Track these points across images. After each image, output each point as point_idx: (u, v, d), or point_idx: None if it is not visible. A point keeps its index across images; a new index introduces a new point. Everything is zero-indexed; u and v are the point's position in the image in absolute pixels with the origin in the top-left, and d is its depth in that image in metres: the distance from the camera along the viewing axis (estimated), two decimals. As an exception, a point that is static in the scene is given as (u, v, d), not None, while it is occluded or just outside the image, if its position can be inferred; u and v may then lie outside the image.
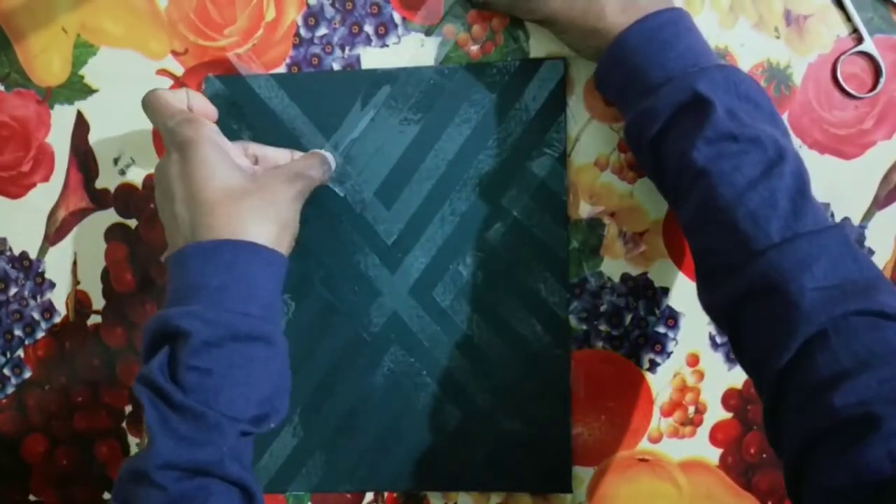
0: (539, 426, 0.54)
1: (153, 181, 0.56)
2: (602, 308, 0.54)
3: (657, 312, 0.54)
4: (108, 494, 0.59)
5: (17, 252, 0.58)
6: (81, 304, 0.58)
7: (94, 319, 0.58)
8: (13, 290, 0.58)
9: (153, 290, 0.57)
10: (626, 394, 0.54)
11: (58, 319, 0.58)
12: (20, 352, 0.59)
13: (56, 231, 0.58)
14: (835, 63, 0.51)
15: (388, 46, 0.54)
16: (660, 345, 0.54)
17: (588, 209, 0.54)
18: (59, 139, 0.57)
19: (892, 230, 0.52)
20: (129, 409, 0.58)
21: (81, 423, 0.58)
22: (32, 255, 0.58)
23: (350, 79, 0.54)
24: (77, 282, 0.58)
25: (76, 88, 0.56)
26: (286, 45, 0.55)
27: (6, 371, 0.59)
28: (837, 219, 0.52)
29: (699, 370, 0.54)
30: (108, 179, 0.57)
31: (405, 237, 0.54)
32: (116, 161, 0.57)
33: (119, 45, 0.56)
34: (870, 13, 0.51)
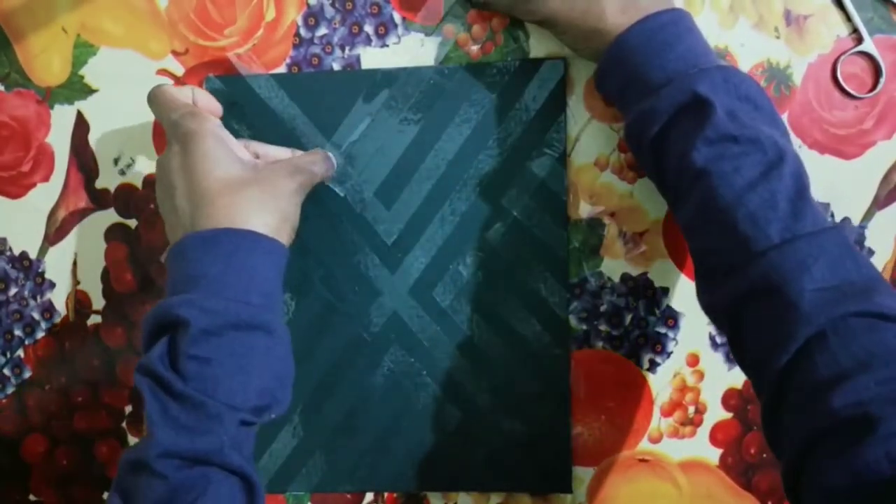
0: (539, 426, 0.54)
1: (154, 179, 0.56)
2: (602, 308, 0.54)
3: (657, 312, 0.54)
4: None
5: (17, 252, 0.58)
6: (81, 304, 0.58)
7: (94, 319, 0.58)
8: (13, 290, 0.58)
9: (153, 290, 0.57)
10: (626, 394, 0.54)
11: (58, 319, 0.58)
12: (20, 352, 0.59)
13: (56, 231, 0.58)
14: (835, 63, 0.51)
15: (388, 46, 0.54)
16: (660, 345, 0.54)
17: (588, 209, 0.54)
18: (59, 139, 0.57)
19: (892, 230, 0.52)
20: (129, 409, 0.58)
21: (81, 423, 0.58)
22: (32, 255, 0.58)
23: (350, 79, 0.54)
24: (77, 282, 0.58)
25: (76, 88, 0.56)
26: (286, 45, 0.55)
27: (6, 371, 0.59)
28: (837, 219, 0.52)
29: (699, 370, 0.54)
30: (108, 179, 0.57)
31: (405, 237, 0.54)
32: (116, 161, 0.57)
33: (119, 45, 0.56)
34: (870, 13, 0.51)
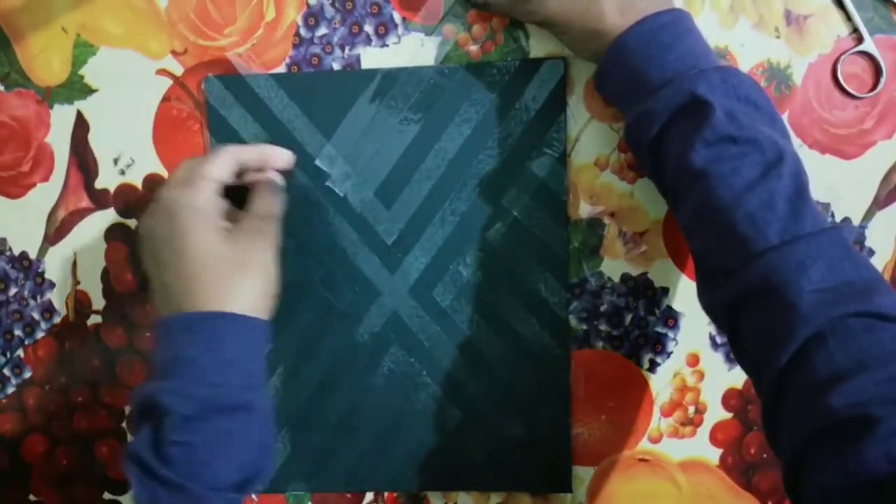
0: (539, 426, 0.54)
1: (155, 178, 0.56)
2: (602, 308, 0.54)
3: (657, 312, 0.54)
4: (109, 494, 0.59)
5: (17, 252, 0.58)
6: (81, 304, 0.58)
7: (94, 319, 0.58)
8: (13, 290, 0.58)
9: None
10: (626, 394, 0.54)
11: (58, 319, 0.58)
12: (20, 352, 0.59)
13: (56, 231, 0.58)
14: (835, 63, 0.51)
15: (388, 46, 0.54)
16: (660, 345, 0.54)
17: (588, 209, 0.54)
18: (59, 139, 0.57)
19: (892, 230, 0.52)
20: (129, 409, 0.58)
21: (81, 423, 0.58)
22: (32, 255, 0.58)
23: (350, 79, 0.54)
24: (77, 282, 0.58)
25: (76, 88, 0.56)
26: (286, 45, 0.55)
27: (6, 371, 0.59)
28: (837, 219, 0.52)
29: (699, 370, 0.54)
30: (108, 179, 0.57)
31: (405, 237, 0.54)
32: (116, 161, 0.57)
33: (119, 45, 0.56)
34: (870, 13, 0.51)
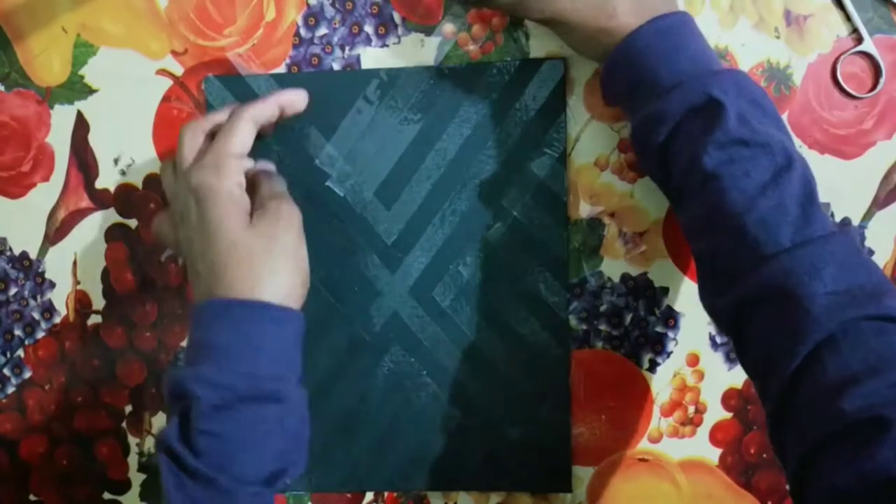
0: (539, 426, 0.54)
1: (155, 178, 0.56)
2: (602, 308, 0.54)
3: (657, 312, 0.54)
4: (109, 494, 0.59)
5: (17, 252, 0.58)
6: (81, 304, 0.58)
7: (94, 319, 0.58)
8: (13, 290, 0.58)
9: (153, 290, 0.57)
10: (626, 394, 0.54)
11: (58, 319, 0.58)
12: (20, 352, 0.59)
13: (56, 231, 0.58)
14: (835, 63, 0.51)
15: (388, 46, 0.54)
16: (660, 345, 0.54)
17: (588, 209, 0.54)
18: (59, 139, 0.57)
19: (892, 230, 0.52)
20: (129, 409, 0.58)
21: (81, 423, 0.58)
22: (32, 255, 0.58)
23: (350, 79, 0.54)
24: (77, 282, 0.58)
25: (76, 88, 0.56)
26: (286, 45, 0.55)
27: (6, 371, 0.59)
28: (837, 219, 0.52)
29: (699, 370, 0.54)
30: (108, 179, 0.57)
31: (405, 237, 0.54)
32: (116, 161, 0.57)
33: (119, 45, 0.56)
34: (870, 13, 0.51)
